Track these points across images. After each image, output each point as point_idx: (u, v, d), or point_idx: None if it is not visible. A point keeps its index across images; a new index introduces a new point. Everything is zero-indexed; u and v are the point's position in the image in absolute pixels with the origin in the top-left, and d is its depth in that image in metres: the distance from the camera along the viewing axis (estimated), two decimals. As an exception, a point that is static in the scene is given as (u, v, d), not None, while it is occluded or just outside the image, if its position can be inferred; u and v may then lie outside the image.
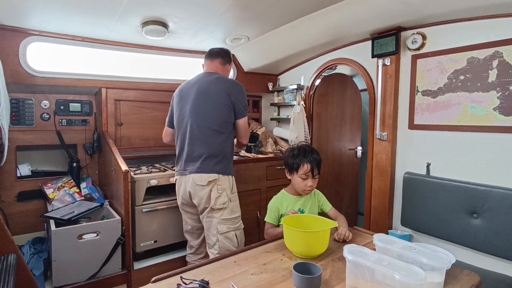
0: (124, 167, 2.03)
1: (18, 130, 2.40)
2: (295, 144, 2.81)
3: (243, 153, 2.86)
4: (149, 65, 2.69)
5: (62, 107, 2.56)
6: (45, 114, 2.50)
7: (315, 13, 2.15)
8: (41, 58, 2.25)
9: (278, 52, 2.83)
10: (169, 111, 2.09)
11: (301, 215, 1.55)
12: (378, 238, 1.18)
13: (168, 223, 2.29)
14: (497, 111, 1.78)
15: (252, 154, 2.83)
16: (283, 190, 1.78)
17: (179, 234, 2.33)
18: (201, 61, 2.85)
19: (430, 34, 2.06)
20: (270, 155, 2.91)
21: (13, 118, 2.37)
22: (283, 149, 3.04)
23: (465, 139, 1.93)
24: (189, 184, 1.86)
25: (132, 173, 2.18)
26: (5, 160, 2.17)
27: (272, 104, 3.38)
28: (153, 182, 2.20)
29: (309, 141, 2.90)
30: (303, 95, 3.00)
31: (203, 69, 2.07)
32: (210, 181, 1.80)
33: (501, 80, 1.76)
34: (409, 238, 2.18)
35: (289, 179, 1.74)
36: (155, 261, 2.26)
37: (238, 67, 3.14)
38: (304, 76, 3.01)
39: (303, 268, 1.10)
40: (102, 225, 2.02)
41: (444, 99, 2.01)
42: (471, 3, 1.71)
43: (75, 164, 2.59)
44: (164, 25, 2.17)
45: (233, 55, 2.94)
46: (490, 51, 1.80)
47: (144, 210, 2.18)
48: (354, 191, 3.40)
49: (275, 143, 3.13)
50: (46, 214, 2.09)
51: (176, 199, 2.03)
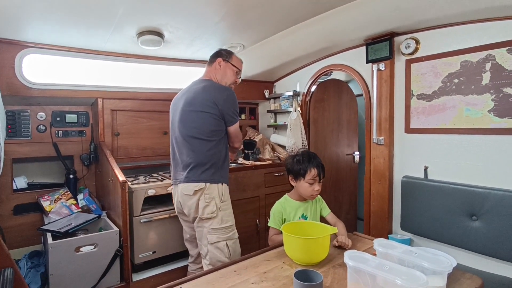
0: (121, 177, 2.02)
1: (14, 142, 2.38)
2: (293, 151, 2.82)
3: (241, 160, 2.85)
4: (145, 75, 2.69)
5: (58, 119, 2.55)
6: (41, 125, 2.49)
7: (310, 20, 2.17)
8: (37, 70, 2.24)
9: (274, 60, 2.86)
10: None
11: (300, 221, 1.54)
12: (379, 243, 1.18)
13: (167, 233, 2.27)
14: (491, 113, 1.80)
15: (250, 162, 2.83)
16: (286, 195, 1.77)
17: (178, 244, 2.30)
18: (197, 70, 2.89)
19: (423, 38, 2.09)
20: (268, 162, 2.91)
21: (9, 130, 2.36)
22: (280, 155, 3.04)
23: (462, 141, 1.94)
24: (179, 193, 1.86)
25: (129, 183, 2.17)
26: (0, 173, 2.15)
27: (269, 111, 3.39)
28: (151, 192, 2.18)
29: (307, 147, 2.90)
30: (299, 102, 3.01)
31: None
32: (196, 190, 1.77)
33: (494, 83, 1.78)
34: (409, 242, 2.17)
35: (292, 186, 1.74)
36: (154, 272, 2.23)
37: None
38: (300, 82, 3.02)
39: (304, 276, 1.09)
40: (100, 237, 2.00)
41: (439, 102, 2.03)
42: (462, 7, 1.74)
43: (71, 176, 2.57)
44: (160, 35, 2.19)
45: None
46: (482, 54, 1.83)
47: (142, 221, 2.16)
48: (353, 196, 3.39)
49: (273, 150, 3.13)
50: (42, 227, 2.07)
51: (174, 208, 2.02)
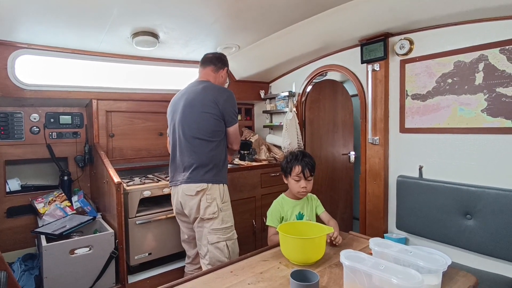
0: (116, 179, 2.01)
1: (7, 144, 2.36)
2: (288, 151, 2.82)
3: (237, 161, 2.85)
4: (140, 76, 2.68)
5: (52, 120, 2.53)
6: (34, 127, 2.46)
7: (305, 21, 2.18)
8: (31, 71, 2.22)
9: (269, 60, 2.86)
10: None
11: (296, 222, 1.55)
12: (374, 243, 1.18)
13: (163, 235, 2.26)
14: (485, 112, 1.82)
15: (246, 162, 2.82)
16: (283, 194, 1.80)
17: (174, 245, 2.29)
18: (192, 70, 2.89)
19: (417, 39, 2.11)
20: (264, 162, 2.91)
21: (2, 132, 2.33)
22: (276, 156, 3.04)
23: (455, 141, 1.95)
24: (180, 194, 1.86)
25: (124, 184, 2.15)
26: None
27: (265, 112, 3.39)
28: (147, 194, 2.17)
29: (302, 147, 2.91)
30: (295, 102, 3.02)
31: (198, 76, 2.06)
32: (198, 191, 1.78)
33: (487, 83, 1.80)
34: (404, 241, 2.18)
35: (287, 184, 1.78)
36: (150, 274, 2.22)
37: (230, 75, 3.15)
38: (296, 83, 3.03)
39: (300, 276, 1.09)
40: (95, 239, 1.98)
41: (433, 102, 2.04)
42: (456, 8, 1.76)
43: (66, 178, 2.54)
44: (155, 35, 2.18)
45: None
46: (475, 54, 1.84)
47: (137, 222, 2.14)
48: (348, 196, 3.41)
49: (269, 150, 3.13)
50: (36, 230, 2.05)
51: (171, 209, 2.01)
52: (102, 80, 2.50)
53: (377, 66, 2.26)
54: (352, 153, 3.37)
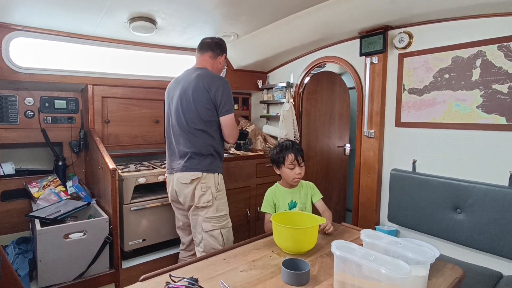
0: (111, 165, 2.01)
1: (1, 127, 2.33)
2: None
3: (232, 150, 2.85)
4: (137, 62, 2.65)
5: (47, 104, 2.50)
6: (29, 111, 2.44)
7: (304, 11, 2.16)
8: (25, 54, 2.19)
9: (268, 50, 2.84)
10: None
11: (290, 212, 1.57)
12: (365, 234, 1.20)
13: (157, 221, 2.28)
14: (480, 109, 1.83)
15: (242, 152, 2.83)
16: (277, 183, 1.87)
17: (168, 232, 2.31)
18: (190, 58, 2.86)
19: (416, 33, 2.10)
20: (260, 152, 2.92)
21: (-5, 115, 2.31)
22: (272, 146, 3.05)
23: (450, 136, 1.97)
24: (175, 182, 1.87)
25: (120, 171, 2.16)
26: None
27: (262, 102, 3.38)
28: (142, 180, 2.18)
29: (298, 138, 2.91)
30: (292, 93, 3.01)
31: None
32: (193, 179, 1.79)
33: (484, 79, 1.81)
34: (395, 234, 2.22)
35: (279, 175, 1.84)
36: (144, 259, 2.24)
37: (228, 64, 3.12)
38: (294, 73, 3.02)
39: (292, 264, 1.11)
40: (89, 224, 1.99)
41: (430, 97, 2.05)
42: (456, 3, 1.75)
43: (60, 163, 2.53)
44: (152, 21, 2.14)
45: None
46: (473, 50, 1.85)
47: (132, 209, 2.15)
48: (342, 187, 3.44)
49: (265, 140, 3.13)
50: (31, 214, 2.05)
51: (166, 197, 2.02)
52: (98, 65, 2.47)
53: (375, 59, 2.26)
54: (348, 145, 3.39)
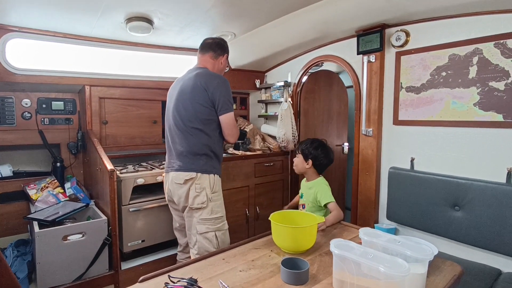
0: (109, 166, 2.00)
1: (-2, 129, 2.33)
2: (283, 141, 2.84)
3: (231, 150, 2.85)
4: (134, 62, 2.64)
5: (44, 106, 2.49)
6: (26, 113, 2.43)
7: (302, 9, 2.16)
8: (22, 55, 2.18)
9: (265, 49, 2.83)
10: None
11: (289, 211, 1.56)
12: (364, 232, 1.20)
13: (156, 222, 2.27)
14: (477, 106, 1.84)
15: (240, 152, 2.83)
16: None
17: (167, 233, 2.31)
18: (187, 57, 2.85)
19: (413, 31, 2.10)
20: (258, 152, 2.92)
21: (-8, 117, 2.29)
22: (271, 146, 3.05)
23: (447, 134, 1.98)
24: (170, 182, 1.86)
25: (118, 172, 2.15)
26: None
27: (260, 101, 3.38)
28: (140, 181, 2.17)
29: (297, 138, 2.92)
30: (290, 92, 3.01)
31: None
32: (187, 179, 1.77)
33: (480, 76, 1.81)
34: (394, 232, 2.23)
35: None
36: (143, 260, 2.24)
37: (228, 64, 3.12)
38: (291, 73, 3.02)
39: (291, 264, 1.12)
40: (88, 226, 1.99)
41: (427, 95, 2.05)
42: (452, 1, 1.75)
43: (58, 164, 2.53)
44: (149, 21, 2.14)
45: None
46: (470, 48, 1.85)
47: (131, 210, 2.15)
48: (341, 186, 3.44)
49: (263, 140, 3.13)
50: (29, 216, 2.04)
51: (164, 197, 2.01)
52: (95, 66, 2.46)
53: (372, 58, 2.26)
54: (346, 144, 3.38)
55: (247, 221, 2.77)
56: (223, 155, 2.70)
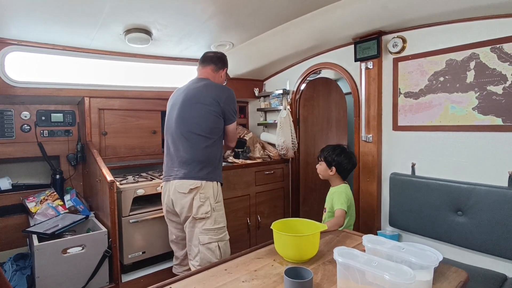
0: (109, 177, 1.99)
1: (-3, 142, 2.32)
2: (282, 149, 2.83)
3: (231, 159, 2.84)
4: (133, 73, 2.65)
5: (43, 118, 2.49)
6: (25, 125, 2.43)
7: (299, 18, 2.18)
8: (21, 68, 2.18)
9: (263, 58, 2.85)
10: None
11: (291, 219, 1.54)
12: (367, 239, 1.19)
13: (157, 233, 2.25)
14: (476, 110, 1.84)
15: (240, 160, 2.82)
16: None
17: (167, 244, 2.27)
18: (186, 68, 2.87)
19: (409, 37, 2.12)
20: (258, 160, 2.91)
21: (-8, 130, 2.29)
22: (271, 154, 3.04)
23: (447, 138, 1.98)
24: (172, 191, 1.84)
25: (118, 183, 2.14)
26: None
27: (259, 110, 3.39)
28: (140, 192, 2.16)
29: (296, 145, 2.91)
30: (289, 100, 3.02)
31: (197, 73, 2.05)
32: (192, 188, 1.76)
33: (478, 81, 1.82)
34: (397, 238, 2.21)
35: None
36: (144, 272, 2.21)
37: (227, 76, 3.14)
38: (290, 80, 3.03)
39: (294, 273, 1.10)
40: (88, 238, 1.97)
41: (426, 100, 2.06)
42: (447, 7, 1.77)
43: (58, 176, 2.51)
44: (148, 32, 2.16)
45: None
46: (467, 53, 1.86)
47: (131, 221, 2.13)
48: (342, 193, 3.42)
49: (263, 148, 3.13)
50: (28, 229, 2.02)
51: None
52: (94, 77, 2.47)
53: (370, 64, 2.27)
54: (346, 150, 3.38)
55: (249, 230, 2.75)
56: (224, 164, 2.71)
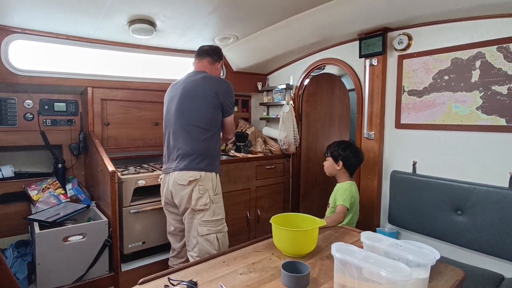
0: (111, 167, 2.00)
1: (0, 130, 2.33)
2: (284, 144, 2.83)
3: (232, 152, 2.85)
4: (136, 64, 2.65)
5: (46, 107, 2.50)
6: (28, 114, 2.44)
7: (304, 13, 2.16)
8: (24, 56, 2.19)
9: (267, 52, 2.84)
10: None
11: (290, 214, 1.55)
12: (366, 236, 1.20)
13: (157, 224, 2.27)
14: (479, 110, 1.83)
15: (242, 154, 2.83)
16: None
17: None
18: (189, 60, 2.85)
19: (415, 34, 2.10)
20: (260, 154, 2.91)
21: (-5, 118, 2.30)
22: (272, 148, 3.04)
23: (450, 138, 1.97)
24: (171, 182, 1.85)
25: (119, 173, 2.15)
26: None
27: (262, 104, 3.38)
28: (141, 183, 2.17)
29: (298, 141, 2.91)
30: (292, 95, 3.01)
31: (193, 67, 2.05)
32: (191, 180, 1.77)
33: (483, 80, 1.81)
34: (396, 236, 2.21)
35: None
36: (144, 262, 2.24)
37: (227, 66, 3.13)
38: (293, 75, 3.02)
39: (291, 267, 1.11)
40: (89, 227, 1.99)
41: (429, 98, 2.05)
42: (455, 4, 1.75)
43: (60, 165, 2.53)
44: (152, 23, 2.15)
45: (222, 54, 2.92)
46: (473, 52, 1.84)
47: (132, 211, 2.15)
48: (342, 190, 3.42)
49: (265, 142, 3.13)
50: (29, 217, 2.04)
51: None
52: (97, 67, 2.47)
53: (375, 61, 2.25)
54: (348, 147, 3.37)
55: (248, 223, 2.76)
56: (225, 157, 2.72)
